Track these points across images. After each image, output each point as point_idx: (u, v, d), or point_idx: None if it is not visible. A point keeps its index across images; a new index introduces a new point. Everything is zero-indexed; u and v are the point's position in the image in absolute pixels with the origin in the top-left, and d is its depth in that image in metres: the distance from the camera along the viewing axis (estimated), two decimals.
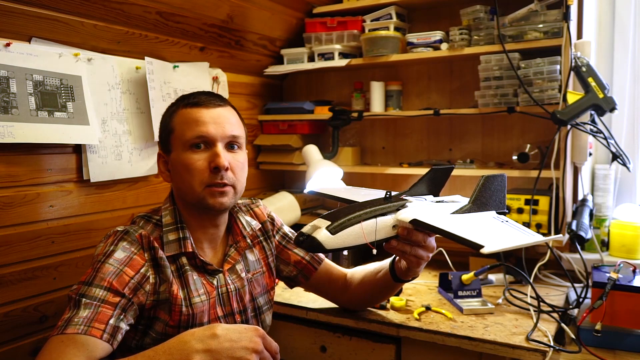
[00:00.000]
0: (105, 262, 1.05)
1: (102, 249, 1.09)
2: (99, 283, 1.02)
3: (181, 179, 1.15)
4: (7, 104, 1.35)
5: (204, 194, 1.13)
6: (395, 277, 1.33)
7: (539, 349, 1.27)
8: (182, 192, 1.17)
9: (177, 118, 1.17)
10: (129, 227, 1.13)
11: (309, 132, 2.30)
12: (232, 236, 1.28)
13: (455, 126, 2.14)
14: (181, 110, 1.17)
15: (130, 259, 1.07)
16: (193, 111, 1.16)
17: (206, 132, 1.13)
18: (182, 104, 1.19)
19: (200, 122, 1.14)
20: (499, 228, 1.08)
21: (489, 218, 1.14)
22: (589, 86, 1.62)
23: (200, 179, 1.13)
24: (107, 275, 1.03)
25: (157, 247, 1.12)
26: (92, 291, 1.01)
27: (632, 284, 1.37)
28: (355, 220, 1.08)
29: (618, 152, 1.64)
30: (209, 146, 1.15)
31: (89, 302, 0.99)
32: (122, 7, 1.56)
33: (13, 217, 1.40)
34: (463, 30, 1.90)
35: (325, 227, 1.05)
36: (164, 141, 1.21)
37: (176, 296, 1.12)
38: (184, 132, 1.14)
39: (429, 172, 1.28)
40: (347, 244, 1.07)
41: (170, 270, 1.12)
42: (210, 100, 1.18)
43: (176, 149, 1.16)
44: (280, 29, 2.22)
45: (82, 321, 0.96)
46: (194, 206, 1.17)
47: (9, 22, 1.35)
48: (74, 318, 0.97)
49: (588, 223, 1.62)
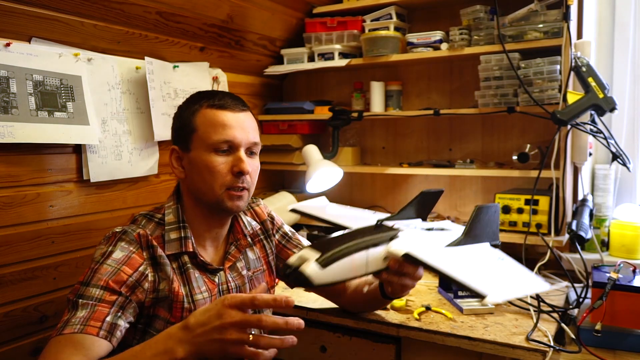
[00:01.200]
0: (104, 263, 1.06)
1: (101, 250, 1.09)
2: (96, 283, 1.03)
3: (202, 178, 1.15)
4: (7, 104, 1.35)
5: (223, 197, 1.15)
6: (384, 294, 1.33)
7: (539, 349, 1.27)
8: (198, 191, 1.17)
9: (201, 118, 1.16)
10: (127, 227, 1.13)
11: (309, 132, 2.30)
12: (232, 234, 1.28)
13: (455, 126, 2.14)
14: (205, 110, 1.17)
15: (128, 258, 1.08)
16: (220, 114, 1.16)
17: (232, 137, 1.15)
18: (205, 103, 1.18)
19: (227, 125, 1.15)
20: (498, 269, 1.06)
21: (484, 253, 1.11)
22: (589, 86, 1.62)
23: (222, 181, 1.14)
24: (104, 275, 1.04)
25: (155, 246, 1.12)
26: (89, 291, 1.02)
27: (632, 284, 1.37)
28: (345, 252, 1.02)
29: (618, 152, 1.64)
30: (233, 150, 1.16)
31: (85, 302, 1.00)
32: (122, 7, 1.56)
33: (13, 217, 1.40)
34: (463, 30, 1.90)
35: (315, 259, 0.99)
36: (182, 138, 1.19)
37: (177, 293, 1.12)
38: (210, 134, 1.14)
39: (419, 195, 1.26)
40: (337, 279, 1.01)
41: (170, 267, 1.13)
42: (236, 104, 1.19)
43: (197, 148, 1.16)
44: (280, 29, 2.22)
45: (78, 321, 0.97)
46: (207, 206, 1.18)
47: (9, 22, 1.35)
48: (72, 319, 0.98)
49: (588, 223, 1.62)
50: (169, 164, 1.23)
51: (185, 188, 1.22)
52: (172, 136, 1.24)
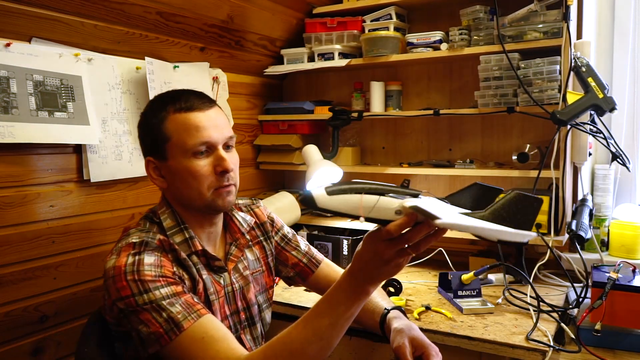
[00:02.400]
0: (143, 270, 1.03)
1: (124, 260, 1.04)
2: (155, 285, 1.02)
3: (187, 185, 1.13)
4: (7, 104, 1.35)
5: (212, 197, 1.14)
6: (382, 331, 1.28)
7: (538, 349, 1.28)
8: (185, 197, 1.16)
9: (172, 124, 1.13)
10: (145, 237, 1.10)
11: (309, 132, 2.31)
12: (229, 234, 1.28)
13: (455, 126, 2.14)
14: (174, 116, 1.13)
15: (160, 261, 1.07)
16: (190, 116, 1.13)
17: (209, 137, 1.12)
18: (172, 108, 1.14)
19: (201, 127, 1.12)
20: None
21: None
22: (588, 86, 1.62)
23: (208, 184, 1.13)
24: (155, 277, 1.03)
25: (177, 250, 1.12)
26: (156, 294, 1.01)
27: (631, 283, 1.37)
28: (356, 190, 1.04)
29: (618, 152, 1.64)
30: (212, 150, 1.14)
31: (167, 301, 1.01)
32: (123, 7, 1.56)
33: (13, 217, 1.40)
34: (463, 30, 1.90)
35: (325, 187, 1.03)
36: (155, 148, 1.15)
37: (201, 294, 1.13)
38: (185, 140, 1.11)
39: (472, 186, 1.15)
40: (340, 209, 1.03)
41: (194, 269, 1.14)
42: (203, 102, 1.16)
43: (175, 156, 1.13)
44: (280, 29, 2.22)
45: (186, 313, 1.00)
46: (198, 209, 1.17)
47: (9, 22, 1.35)
48: (176, 316, 0.99)
49: (588, 223, 1.62)
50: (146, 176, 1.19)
51: (171, 196, 1.19)
52: (143, 147, 1.20)
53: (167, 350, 0.99)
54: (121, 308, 1.02)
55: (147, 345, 1.00)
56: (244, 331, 1.24)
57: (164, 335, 0.98)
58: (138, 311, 1.00)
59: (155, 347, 0.99)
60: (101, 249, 1.63)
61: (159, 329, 0.99)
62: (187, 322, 0.99)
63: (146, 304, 1.00)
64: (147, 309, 1.00)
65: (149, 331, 0.99)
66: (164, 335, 0.98)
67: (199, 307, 1.02)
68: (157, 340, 0.99)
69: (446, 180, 2.15)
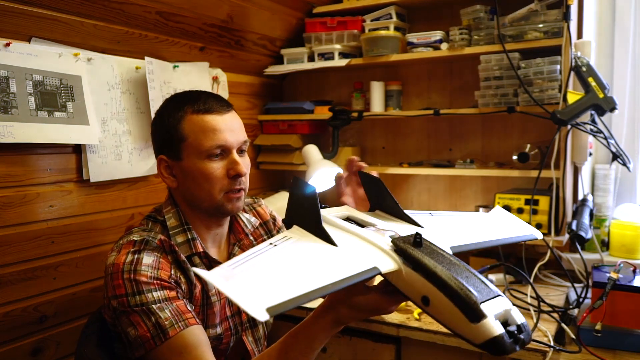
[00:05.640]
0: (140, 270, 1.04)
1: (123, 258, 1.05)
2: (148, 288, 1.02)
3: (198, 186, 1.14)
4: (7, 104, 1.35)
5: (222, 201, 1.14)
6: None
7: (539, 349, 1.27)
8: (195, 198, 1.16)
9: (189, 125, 1.13)
10: (146, 236, 1.11)
11: (309, 132, 2.30)
12: (234, 235, 1.28)
13: (455, 126, 2.13)
14: (192, 117, 1.13)
15: (159, 262, 1.07)
16: (207, 119, 1.13)
17: (224, 141, 1.13)
18: (190, 108, 1.14)
19: (217, 130, 1.12)
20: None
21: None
22: (589, 86, 1.62)
23: (220, 186, 1.13)
24: (150, 279, 1.03)
25: (177, 251, 1.12)
26: (148, 297, 1.01)
27: (632, 284, 1.37)
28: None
29: (618, 152, 1.64)
30: (226, 154, 1.14)
31: (156, 305, 1.01)
32: (122, 7, 1.56)
33: (13, 217, 1.40)
34: (463, 30, 1.90)
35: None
36: (170, 147, 1.16)
37: (198, 297, 1.13)
38: (201, 142, 1.12)
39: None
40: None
41: (192, 271, 1.13)
42: (222, 106, 1.16)
43: (189, 156, 1.13)
44: (280, 29, 2.22)
45: (174, 320, 1.00)
46: (206, 211, 1.17)
47: (9, 22, 1.35)
48: (163, 322, 0.99)
49: (588, 223, 1.62)
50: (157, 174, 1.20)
51: (179, 195, 1.19)
52: (156, 145, 1.21)
53: (151, 356, 1.00)
54: (114, 306, 1.03)
55: (133, 348, 1.01)
56: (245, 333, 1.24)
57: (150, 340, 0.99)
58: (129, 312, 1.01)
59: (140, 351, 1.00)
60: (101, 249, 1.63)
61: (146, 333, 0.99)
62: (174, 329, 0.99)
63: (137, 305, 1.01)
64: (137, 311, 1.01)
65: (136, 334, 1.00)
66: (150, 340, 0.99)
67: (188, 316, 1.02)
68: (143, 344, 1.00)
69: (446, 180, 2.15)
